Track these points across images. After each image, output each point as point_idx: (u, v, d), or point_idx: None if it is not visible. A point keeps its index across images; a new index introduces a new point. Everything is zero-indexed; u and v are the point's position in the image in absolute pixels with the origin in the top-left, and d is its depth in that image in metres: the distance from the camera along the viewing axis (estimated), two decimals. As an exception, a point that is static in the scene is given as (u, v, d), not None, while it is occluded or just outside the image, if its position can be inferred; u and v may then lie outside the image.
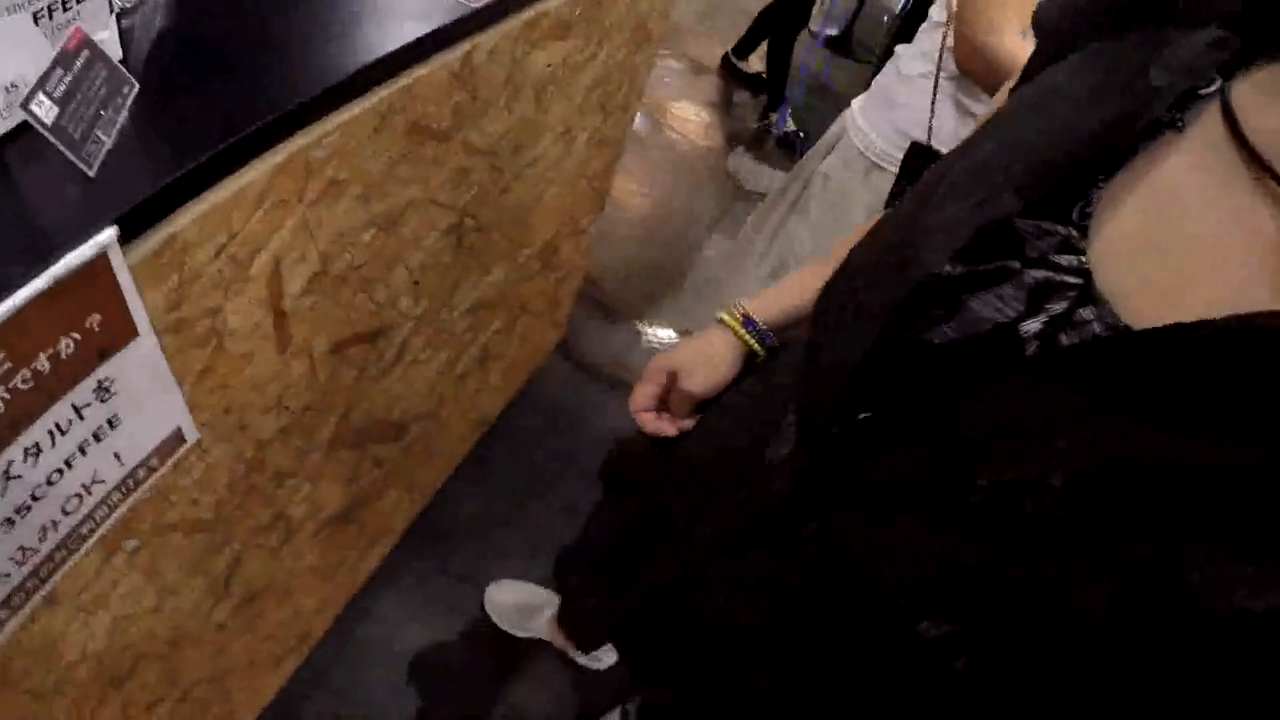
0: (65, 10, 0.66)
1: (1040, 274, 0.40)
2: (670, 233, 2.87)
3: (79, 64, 0.63)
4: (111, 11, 0.71)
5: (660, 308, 2.57)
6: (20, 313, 0.56)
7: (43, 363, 0.60)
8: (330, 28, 0.80)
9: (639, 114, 2.73)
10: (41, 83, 0.60)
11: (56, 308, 0.58)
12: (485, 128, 1.06)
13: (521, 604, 1.73)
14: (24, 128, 0.63)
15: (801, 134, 3.33)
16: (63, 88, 0.61)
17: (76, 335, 0.61)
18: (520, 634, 1.72)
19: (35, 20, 0.64)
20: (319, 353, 0.96)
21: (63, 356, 0.61)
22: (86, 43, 0.65)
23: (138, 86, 0.68)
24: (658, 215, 2.93)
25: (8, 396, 0.59)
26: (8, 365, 0.57)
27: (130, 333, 0.66)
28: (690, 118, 3.44)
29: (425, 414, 1.44)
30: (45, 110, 0.59)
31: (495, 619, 1.72)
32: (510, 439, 2.02)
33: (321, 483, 1.17)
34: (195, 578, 0.97)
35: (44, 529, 0.70)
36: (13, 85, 0.63)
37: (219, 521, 0.95)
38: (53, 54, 0.64)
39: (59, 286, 0.57)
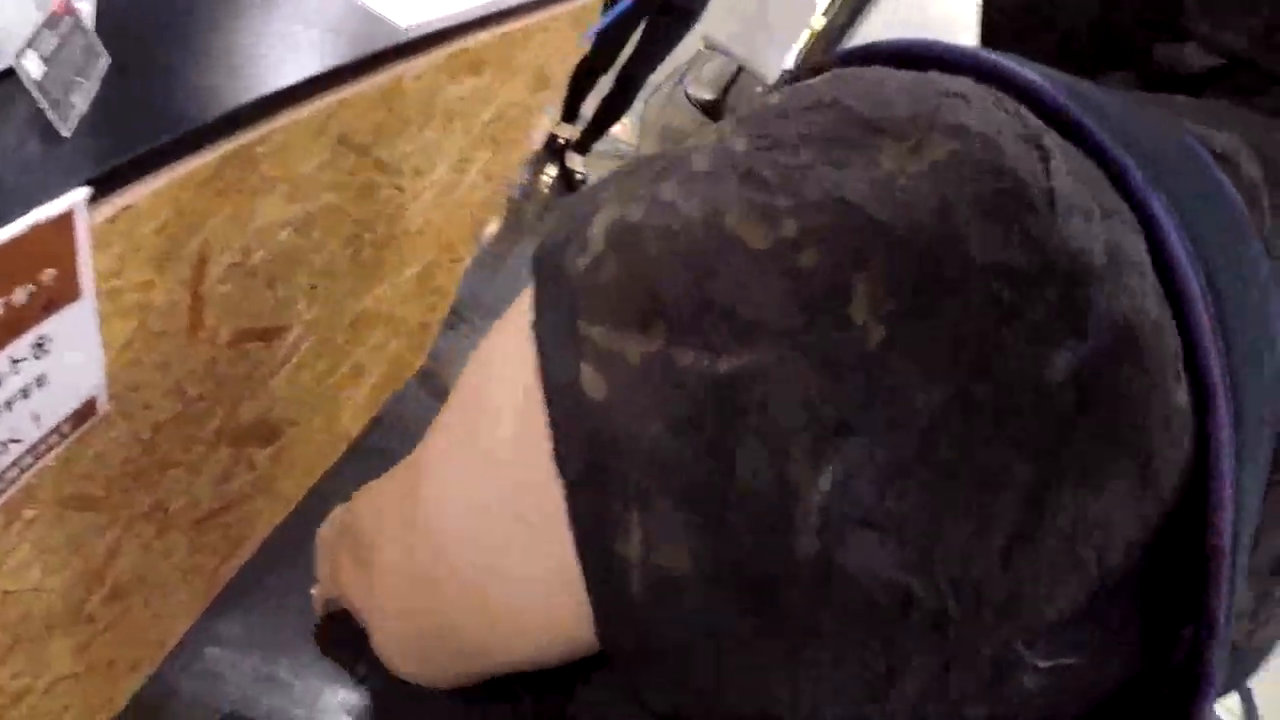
0: (45, -23, 0.66)
1: None
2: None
3: (63, 29, 0.64)
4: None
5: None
6: (-12, 256, 0.56)
7: (-4, 309, 0.60)
8: (286, 39, 0.84)
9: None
10: (32, 40, 0.61)
11: (21, 255, 0.59)
12: (397, 147, 1.11)
13: None
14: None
15: None
16: (49, 48, 0.62)
17: (32, 286, 0.62)
18: None
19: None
20: (221, 342, 0.97)
21: (14, 305, 0.61)
22: (70, 10, 0.66)
23: (109, 60, 0.69)
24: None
25: (-43, 339, 0.59)
26: (-35, 307, 0.58)
27: (75, 292, 0.67)
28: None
29: (298, 421, 1.43)
30: (34, 66, 0.60)
31: None
32: (369, 459, 2.00)
33: (200, 478, 1.15)
34: (76, 558, 0.94)
35: (-45, 483, 0.68)
36: (-11, 38, 0.64)
37: (107, 502, 0.93)
38: (35, 14, 0.65)
39: (29, 235, 0.58)
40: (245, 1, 0.87)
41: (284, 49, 0.83)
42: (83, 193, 0.60)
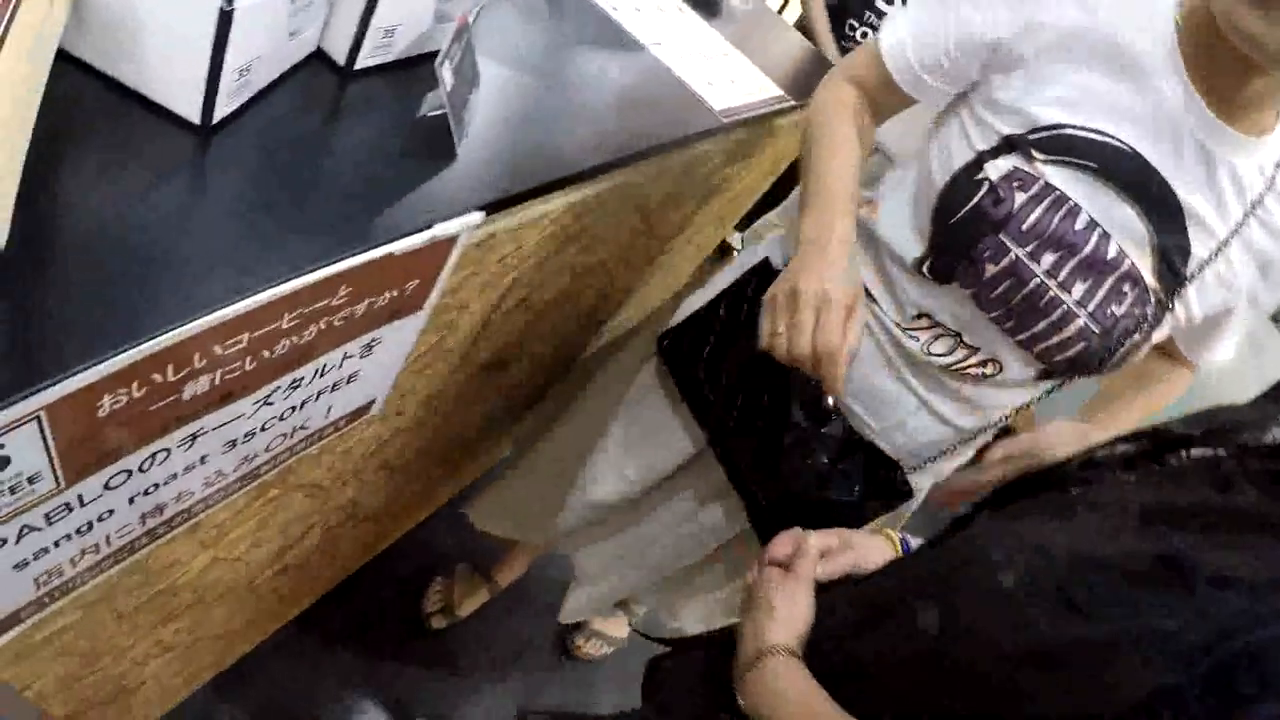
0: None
1: None
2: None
3: (463, 45, 0.62)
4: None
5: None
6: (384, 260, 0.53)
7: (360, 308, 0.56)
8: (624, 111, 0.81)
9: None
10: (448, 50, 0.58)
11: (403, 265, 0.55)
12: (669, 218, 1.08)
13: None
14: (373, 70, 0.61)
15: None
16: (455, 62, 0.60)
17: (394, 293, 0.58)
18: None
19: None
20: (474, 366, 0.93)
21: (375, 308, 0.58)
22: (469, 27, 0.63)
23: (481, 85, 0.66)
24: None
25: (322, 328, 0.55)
26: (343, 301, 0.54)
27: (419, 305, 0.63)
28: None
29: (478, 446, 1.39)
30: (448, 77, 0.57)
31: None
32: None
33: (395, 483, 1.11)
34: (279, 538, 0.90)
35: (245, 458, 0.64)
36: (389, 30, 0.61)
37: (327, 493, 0.89)
38: (430, 20, 0.62)
39: (422, 249, 0.54)
40: (595, 67, 0.85)
41: (624, 115, 0.80)
42: (475, 218, 0.57)
